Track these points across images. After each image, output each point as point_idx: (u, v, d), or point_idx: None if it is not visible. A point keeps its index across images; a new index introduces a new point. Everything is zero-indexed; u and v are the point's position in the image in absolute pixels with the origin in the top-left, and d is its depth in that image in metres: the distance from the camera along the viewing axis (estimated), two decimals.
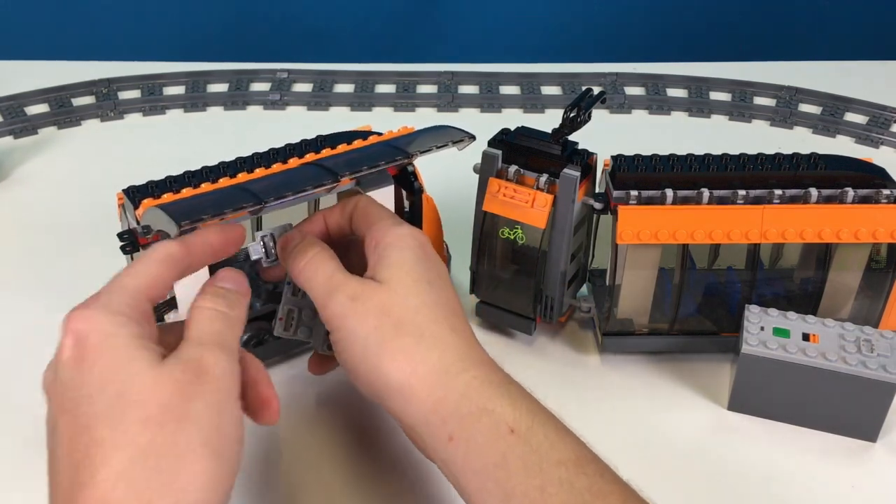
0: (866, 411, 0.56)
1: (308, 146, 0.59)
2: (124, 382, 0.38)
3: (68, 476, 0.37)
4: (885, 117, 0.95)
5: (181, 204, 0.51)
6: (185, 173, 0.55)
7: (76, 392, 0.39)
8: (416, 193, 0.61)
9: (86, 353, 0.39)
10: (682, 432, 0.58)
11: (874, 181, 0.58)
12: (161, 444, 0.37)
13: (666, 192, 0.57)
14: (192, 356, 0.40)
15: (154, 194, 0.53)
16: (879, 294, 0.60)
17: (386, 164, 0.55)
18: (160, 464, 0.37)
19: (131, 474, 0.36)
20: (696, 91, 1.00)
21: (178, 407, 0.38)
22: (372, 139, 0.59)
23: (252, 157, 0.57)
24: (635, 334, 0.62)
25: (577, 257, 0.62)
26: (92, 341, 0.39)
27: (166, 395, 0.38)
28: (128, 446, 0.37)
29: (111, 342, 0.39)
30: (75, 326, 0.40)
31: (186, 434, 0.38)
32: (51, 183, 0.83)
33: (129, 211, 0.54)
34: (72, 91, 0.96)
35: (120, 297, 0.42)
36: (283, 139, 0.60)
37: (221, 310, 0.44)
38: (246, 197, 0.50)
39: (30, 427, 0.56)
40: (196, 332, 0.42)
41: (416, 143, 0.57)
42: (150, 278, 0.43)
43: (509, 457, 0.43)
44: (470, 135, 0.58)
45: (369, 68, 1.03)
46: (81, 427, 0.38)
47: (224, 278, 0.46)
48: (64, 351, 0.40)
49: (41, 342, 0.63)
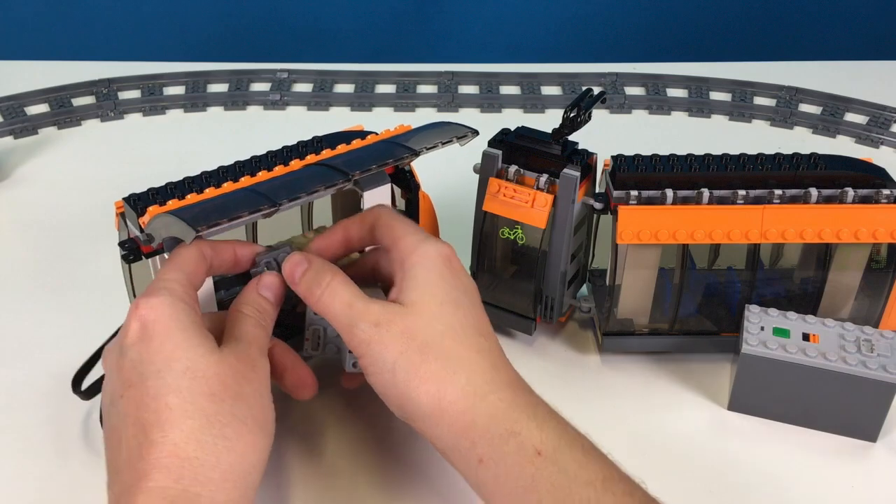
0: (866, 411, 0.56)
1: (307, 147, 0.59)
2: (192, 360, 0.44)
3: (136, 437, 0.42)
4: (885, 117, 0.95)
5: (193, 209, 0.50)
6: (185, 179, 0.55)
7: (144, 368, 0.44)
8: (412, 191, 0.61)
9: (153, 335, 0.45)
10: (682, 432, 0.58)
11: (874, 181, 0.58)
12: (224, 415, 0.43)
13: (666, 192, 0.57)
14: (241, 350, 0.47)
15: (157, 201, 0.52)
16: (879, 294, 0.60)
17: (394, 162, 0.55)
18: (224, 431, 0.43)
19: (200, 436, 0.42)
20: (696, 91, 1.00)
21: (235, 387, 0.45)
22: (371, 138, 0.59)
23: (251, 161, 0.57)
24: (635, 334, 0.62)
25: (577, 257, 0.62)
26: (159, 326, 0.45)
27: (226, 376, 0.44)
28: (196, 413, 0.43)
29: (176, 325, 0.45)
30: (142, 313, 0.45)
31: (241, 409, 0.44)
32: (51, 183, 0.83)
33: (131, 219, 0.53)
34: (72, 91, 0.97)
35: (176, 284, 0.47)
36: (284, 139, 0.60)
37: (258, 319, 0.49)
38: (259, 199, 0.50)
39: (30, 426, 0.57)
40: (243, 333, 0.48)
41: (420, 140, 0.57)
42: (191, 269, 0.49)
43: (538, 479, 0.43)
44: (473, 130, 0.58)
45: (369, 68, 1.03)
46: (150, 396, 0.43)
47: (267, 285, 0.51)
48: (130, 334, 0.45)
49: (41, 342, 0.63)
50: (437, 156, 0.58)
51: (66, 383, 0.57)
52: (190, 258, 0.49)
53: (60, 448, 0.55)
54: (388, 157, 0.55)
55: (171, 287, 0.47)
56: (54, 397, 0.58)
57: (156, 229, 0.51)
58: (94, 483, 0.50)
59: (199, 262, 0.50)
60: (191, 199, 0.52)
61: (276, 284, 0.51)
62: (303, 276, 0.50)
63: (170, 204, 0.51)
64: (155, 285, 0.47)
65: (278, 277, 0.51)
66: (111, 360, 0.47)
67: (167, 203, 0.52)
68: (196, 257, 0.50)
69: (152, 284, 0.48)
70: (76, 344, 0.55)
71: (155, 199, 0.53)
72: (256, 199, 0.50)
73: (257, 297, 0.51)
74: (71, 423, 0.56)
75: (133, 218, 0.52)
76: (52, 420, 0.57)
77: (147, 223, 0.51)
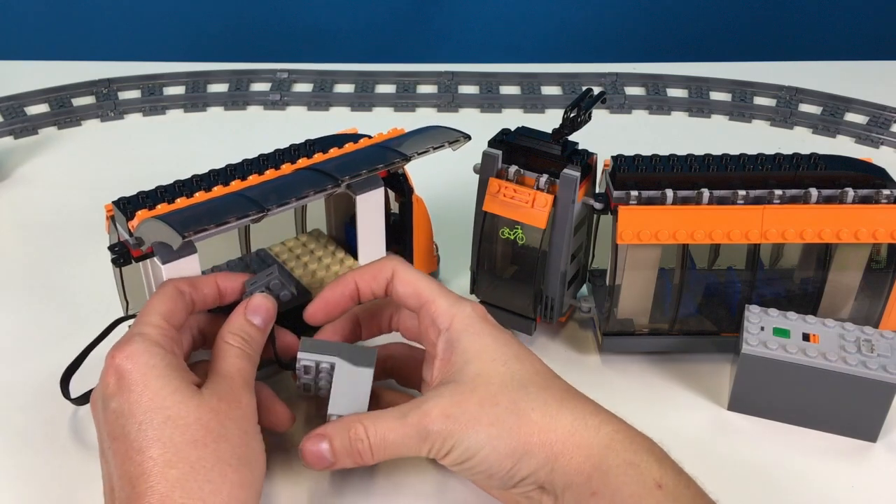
0: (866, 411, 0.56)
1: (299, 151, 0.58)
2: (171, 408, 0.45)
3: (124, 489, 0.43)
4: (885, 117, 0.95)
5: (181, 214, 0.50)
6: (175, 183, 0.54)
7: (125, 421, 0.44)
8: (406, 195, 0.61)
9: (131, 385, 0.45)
10: (682, 432, 0.57)
11: (874, 181, 0.58)
12: (207, 459, 0.44)
13: (666, 192, 0.57)
14: (224, 389, 0.47)
15: (147, 205, 0.52)
16: (879, 294, 0.60)
17: (384, 167, 0.55)
18: (209, 475, 0.44)
19: (185, 484, 0.43)
20: (696, 91, 1.00)
21: (218, 429, 0.45)
22: (363, 142, 0.59)
23: (243, 164, 0.57)
24: (635, 334, 0.62)
25: (577, 257, 0.62)
26: (135, 375, 0.45)
27: (208, 420, 0.45)
28: (180, 462, 0.43)
29: (152, 372, 0.45)
30: (118, 363, 0.46)
31: (225, 451, 0.45)
32: (51, 183, 0.83)
33: (121, 222, 0.53)
34: (72, 91, 0.97)
35: (151, 327, 0.47)
36: (284, 139, 0.60)
37: (246, 351, 0.49)
38: (247, 205, 0.50)
39: (30, 425, 0.57)
40: (226, 368, 0.48)
41: (412, 145, 0.57)
42: (167, 309, 0.49)
43: None
44: (465, 134, 0.58)
45: (369, 68, 1.03)
46: (134, 450, 0.44)
47: (256, 309, 0.51)
48: (109, 385, 0.46)
49: (41, 341, 0.63)
50: (436, 156, 0.58)
51: None
52: (166, 297, 0.49)
53: (57, 448, 0.55)
54: (378, 162, 0.55)
55: (145, 332, 0.47)
56: (53, 397, 0.58)
57: (144, 234, 0.50)
58: (89, 481, 0.51)
59: (177, 299, 0.49)
60: (180, 203, 0.52)
61: (264, 307, 0.51)
62: (335, 453, 0.47)
63: (159, 208, 0.51)
64: (130, 331, 0.48)
65: (267, 299, 0.51)
66: (96, 409, 0.47)
67: (157, 207, 0.51)
68: (172, 295, 0.49)
69: (129, 331, 0.48)
70: (76, 344, 0.55)
71: (145, 202, 0.52)
72: (245, 203, 0.50)
73: (244, 324, 0.50)
74: (69, 423, 0.56)
75: (122, 221, 0.52)
76: (52, 420, 0.57)
77: (136, 227, 0.50)
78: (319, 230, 0.67)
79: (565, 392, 0.48)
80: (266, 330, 0.51)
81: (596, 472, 0.44)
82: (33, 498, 0.52)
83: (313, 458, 0.47)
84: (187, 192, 0.53)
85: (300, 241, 0.65)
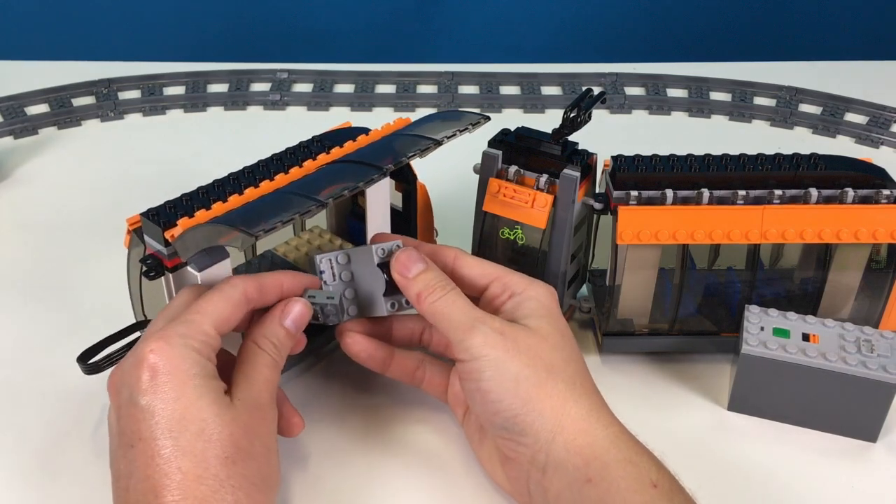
0: (866, 411, 0.56)
1: (309, 148, 0.58)
2: (205, 420, 0.43)
3: (146, 496, 0.42)
4: (885, 117, 0.95)
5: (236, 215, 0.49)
6: (198, 189, 0.53)
7: (156, 424, 0.43)
8: (410, 183, 0.60)
9: (165, 388, 0.44)
10: (682, 432, 0.57)
11: (874, 181, 0.58)
12: (235, 478, 0.43)
13: (666, 192, 0.57)
14: (252, 399, 0.46)
15: (179, 214, 0.50)
16: (879, 294, 0.60)
17: (421, 152, 0.55)
18: (236, 495, 0.43)
19: (212, 501, 0.42)
20: (696, 91, 1.00)
21: (247, 447, 0.44)
22: (375, 133, 0.59)
23: (259, 165, 0.56)
24: (635, 334, 0.62)
25: (577, 257, 0.62)
26: (172, 380, 0.44)
27: (239, 437, 0.44)
28: (210, 479, 0.42)
29: (191, 382, 0.44)
30: (154, 362, 0.44)
31: (252, 470, 0.44)
32: (51, 183, 0.83)
33: (152, 234, 0.51)
34: (72, 91, 0.97)
35: (199, 334, 0.46)
36: (284, 139, 0.60)
37: (276, 359, 0.48)
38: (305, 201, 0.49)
39: (30, 425, 0.57)
40: (256, 375, 0.47)
41: (436, 130, 0.57)
42: (224, 316, 0.47)
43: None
44: (485, 116, 0.58)
45: (369, 68, 1.03)
46: (163, 458, 0.43)
47: (293, 317, 0.50)
48: (142, 380, 0.44)
49: (41, 342, 0.63)
50: (436, 156, 0.58)
51: (66, 383, 0.57)
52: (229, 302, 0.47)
53: (60, 448, 0.55)
54: (414, 147, 0.55)
55: (190, 336, 0.45)
56: (53, 397, 0.58)
57: (187, 242, 0.49)
58: (94, 482, 0.51)
59: (240, 307, 0.48)
60: (218, 208, 0.50)
61: (302, 316, 0.50)
62: (419, 276, 0.51)
63: (198, 215, 0.50)
64: (174, 327, 0.46)
65: (306, 307, 0.50)
66: (119, 399, 0.45)
67: (195, 215, 0.50)
68: (237, 302, 0.48)
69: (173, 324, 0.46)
70: (75, 344, 0.55)
71: (176, 211, 0.51)
72: (301, 200, 0.49)
73: (278, 329, 0.49)
74: (70, 424, 0.56)
75: (156, 233, 0.50)
76: (52, 421, 0.57)
77: (177, 237, 0.49)
78: (319, 227, 0.67)
79: (593, 388, 0.50)
80: (295, 339, 0.50)
81: (596, 461, 0.46)
82: (34, 498, 0.52)
83: (408, 260, 0.51)
84: (216, 196, 0.52)
85: (304, 239, 0.65)
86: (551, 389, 0.48)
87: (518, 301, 0.51)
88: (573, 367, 0.50)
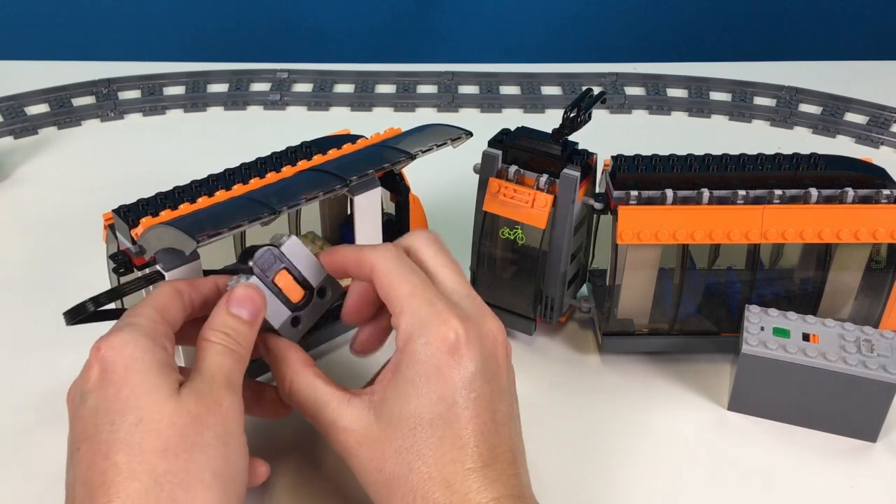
0: (866, 411, 0.56)
1: (297, 154, 0.58)
2: (145, 408, 0.41)
3: (84, 499, 0.40)
4: (885, 117, 0.95)
5: (190, 219, 0.49)
6: (174, 189, 0.53)
7: (99, 419, 0.41)
8: (402, 194, 0.60)
9: (112, 380, 0.41)
10: (682, 432, 0.58)
11: (874, 181, 0.58)
12: (175, 473, 0.40)
13: (666, 192, 0.57)
14: (203, 389, 0.42)
15: (148, 212, 0.51)
16: (879, 294, 0.60)
17: (391, 166, 0.55)
18: (174, 493, 0.39)
19: (147, 500, 0.39)
20: (696, 91, 1.00)
21: (192, 437, 0.41)
22: (362, 143, 0.59)
23: (241, 168, 0.56)
24: (635, 334, 0.62)
25: (577, 257, 0.62)
26: (118, 367, 0.41)
27: (184, 425, 0.40)
28: (144, 475, 0.39)
29: (136, 367, 0.41)
30: (103, 354, 0.42)
31: (198, 464, 0.40)
32: (51, 183, 0.83)
33: (122, 231, 0.51)
34: (72, 91, 0.97)
35: (143, 319, 0.44)
36: (284, 139, 0.60)
37: (230, 347, 0.45)
38: (257, 207, 0.49)
39: (29, 425, 0.57)
40: (207, 366, 0.44)
41: (414, 143, 0.57)
42: (163, 303, 0.45)
43: None
44: (466, 131, 0.58)
45: (369, 68, 1.03)
46: (101, 454, 0.40)
47: (239, 301, 0.46)
48: (91, 378, 0.42)
49: (41, 342, 0.63)
50: (436, 156, 0.58)
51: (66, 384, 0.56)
52: (161, 294, 0.46)
53: (57, 448, 0.55)
54: (383, 160, 0.55)
55: (136, 322, 0.43)
56: (53, 397, 0.58)
57: (149, 241, 0.49)
58: None
59: (173, 297, 0.46)
60: (184, 209, 0.51)
61: (249, 297, 0.46)
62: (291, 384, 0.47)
63: (163, 215, 0.50)
64: (120, 322, 0.44)
65: (251, 288, 0.47)
66: (74, 403, 0.43)
67: (160, 214, 0.50)
68: (168, 293, 0.46)
69: (118, 322, 0.45)
70: (75, 343, 0.55)
71: (146, 209, 0.51)
72: (254, 206, 0.50)
73: (226, 318, 0.46)
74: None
75: (124, 230, 0.51)
76: (52, 420, 0.57)
77: (140, 235, 0.49)
78: (314, 233, 0.67)
79: (446, 489, 0.42)
80: (256, 323, 0.46)
81: None
82: (34, 498, 0.52)
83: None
84: (189, 197, 0.52)
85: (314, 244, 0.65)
86: (417, 476, 0.42)
87: (394, 370, 0.45)
88: (416, 475, 0.42)
